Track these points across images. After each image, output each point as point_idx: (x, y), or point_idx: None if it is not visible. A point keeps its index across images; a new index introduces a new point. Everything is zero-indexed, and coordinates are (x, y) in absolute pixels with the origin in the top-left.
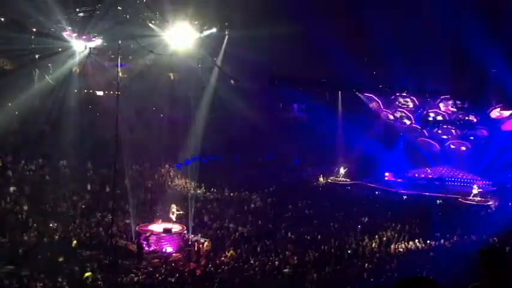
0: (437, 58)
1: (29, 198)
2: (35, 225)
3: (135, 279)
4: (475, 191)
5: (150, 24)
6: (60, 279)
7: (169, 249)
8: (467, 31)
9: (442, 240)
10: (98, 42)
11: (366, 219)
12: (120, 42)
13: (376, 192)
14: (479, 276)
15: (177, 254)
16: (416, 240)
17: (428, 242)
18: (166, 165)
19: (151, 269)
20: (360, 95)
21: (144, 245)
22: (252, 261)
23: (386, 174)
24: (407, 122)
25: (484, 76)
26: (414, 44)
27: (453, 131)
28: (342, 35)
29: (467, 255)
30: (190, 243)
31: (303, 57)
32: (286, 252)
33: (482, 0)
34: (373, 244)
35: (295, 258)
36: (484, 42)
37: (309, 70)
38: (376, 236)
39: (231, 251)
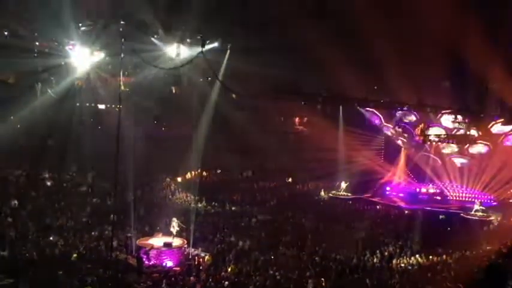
0: (438, 73)
1: (29, 211)
2: (35, 238)
3: None
4: (477, 206)
5: (152, 39)
6: None
7: (169, 264)
8: (468, 46)
9: (444, 256)
10: (100, 56)
11: (367, 234)
12: (122, 56)
13: (378, 207)
14: None
15: (177, 268)
16: (418, 256)
17: (430, 257)
18: (168, 179)
19: (151, 283)
20: (361, 109)
21: (144, 259)
22: (252, 276)
23: (388, 188)
24: (409, 137)
25: (485, 91)
26: (415, 59)
27: (454, 145)
28: (343, 49)
29: (468, 270)
30: (190, 257)
31: (304, 71)
32: (287, 267)
33: (483, 14)
34: (375, 259)
35: (296, 272)
36: (485, 56)
37: (311, 84)
38: (378, 251)
39: (232, 266)
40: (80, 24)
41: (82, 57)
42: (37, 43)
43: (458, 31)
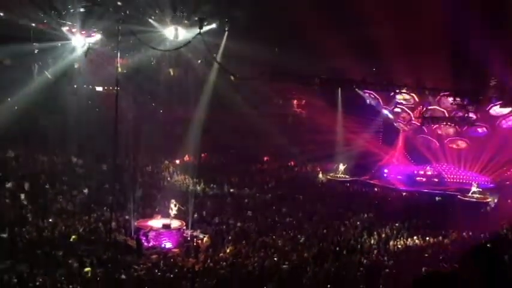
0: (437, 55)
1: (28, 193)
2: (34, 220)
3: (134, 274)
4: (474, 188)
5: (150, 20)
6: (59, 275)
7: (168, 245)
8: (467, 27)
9: (440, 237)
10: (97, 37)
11: (365, 215)
12: (119, 37)
13: (375, 189)
14: (471, 274)
15: (176, 250)
16: (415, 237)
17: (427, 238)
18: (166, 161)
19: (150, 265)
20: (359, 91)
21: (143, 241)
22: (251, 257)
23: (386, 171)
24: (407, 119)
25: (484, 73)
26: (414, 41)
27: (452, 128)
28: (342, 30)
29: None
30: (189, 238)
31: (303, 52)
32: (285, 248)
33: None
34: (372, 241)
35: (294, 254)
36: (485, 38)
37: (309, 66)
38: (375, 233)
39: (230, 247)
40: (77, 6)
41: (79, 39)
42: (33, 24)
43: (458, 12)
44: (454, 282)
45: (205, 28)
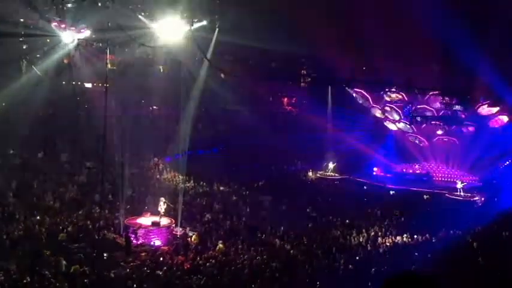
0: (426, 55)
1: (15, 190)
2: (22, 217)
3: (123, 272)
4: (458, 185)
5: (140, 16)
6: (47, 272)
7: (157, 243)
8: (456, 28)
9: (428, 235)
10: (86, 33)
11: (354, 213)
12: (109, 34)
13: (365, 187)
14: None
15: (165, 248)
16: (404, 235)
17: (415, 236)
18: (155, 159)
19: (139, 262)
20: (349, 90)
21: (132, 238)
22: (240, 255)
23: (375, 169)
24: (396, 118)
25: (473, 73)
26: (404, 41)
27: (441, 127)
28: (332, 29)
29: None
30: (178, 236)
31: (293, 51)
32: (274, 246)
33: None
34: (361, 238)
35: (283, 252)
36: (473, 39)
37: (300, 64)
38: (364, 231)
39: (220, 245)
40: (66, 1)
41: (68, 35)
42: (22, 20)
43: (447, 12)
44: (427, 285)
45: (196, 25)
